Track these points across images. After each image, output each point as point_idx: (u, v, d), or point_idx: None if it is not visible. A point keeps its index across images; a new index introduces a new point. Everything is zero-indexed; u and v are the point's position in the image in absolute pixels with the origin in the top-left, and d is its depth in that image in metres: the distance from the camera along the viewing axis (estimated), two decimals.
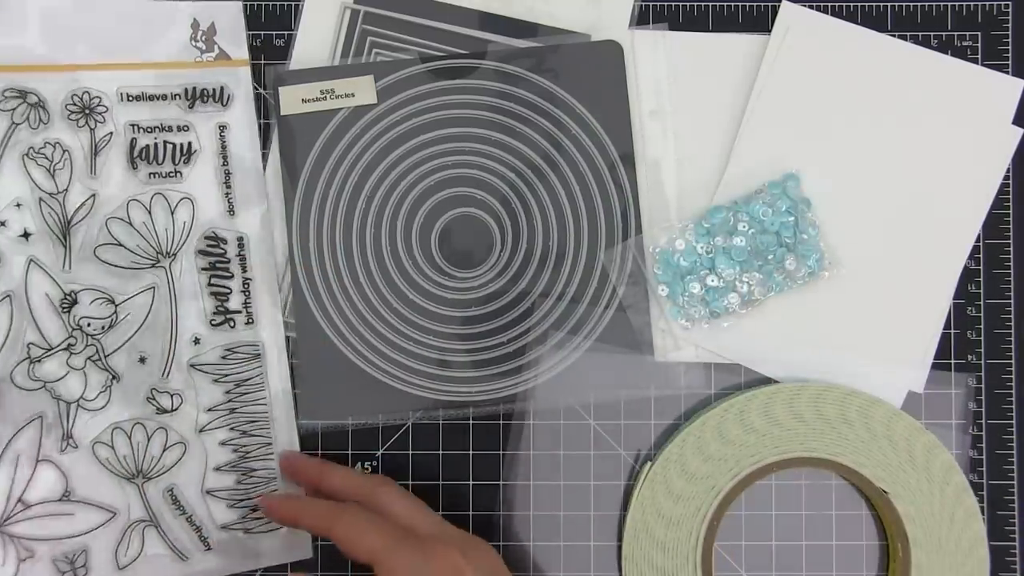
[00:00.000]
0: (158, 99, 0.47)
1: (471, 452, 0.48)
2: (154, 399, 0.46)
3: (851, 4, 0.49)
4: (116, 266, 0.46)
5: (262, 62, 0.49)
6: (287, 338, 0.47)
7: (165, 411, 0.46)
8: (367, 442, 0.47)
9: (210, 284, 0.47)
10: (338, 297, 0.48)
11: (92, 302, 0.45)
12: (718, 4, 0.49)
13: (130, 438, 0.46)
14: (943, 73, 0.48)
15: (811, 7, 0.49)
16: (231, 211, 0.47)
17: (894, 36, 0.49)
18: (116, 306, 0.46)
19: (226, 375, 0.47)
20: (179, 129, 0.47)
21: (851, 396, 0.47)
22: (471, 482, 0.48)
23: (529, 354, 0.48)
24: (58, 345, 0.45)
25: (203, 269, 0.47)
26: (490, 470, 0.48)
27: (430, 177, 0.48)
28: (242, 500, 0.46)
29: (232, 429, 0.46)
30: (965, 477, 0.47)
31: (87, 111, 0.46)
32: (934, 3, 0.50)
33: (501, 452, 0.48)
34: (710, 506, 0.46)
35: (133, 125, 0.47)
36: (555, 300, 0.48)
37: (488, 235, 0.48)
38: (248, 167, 0.47)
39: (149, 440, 0.46)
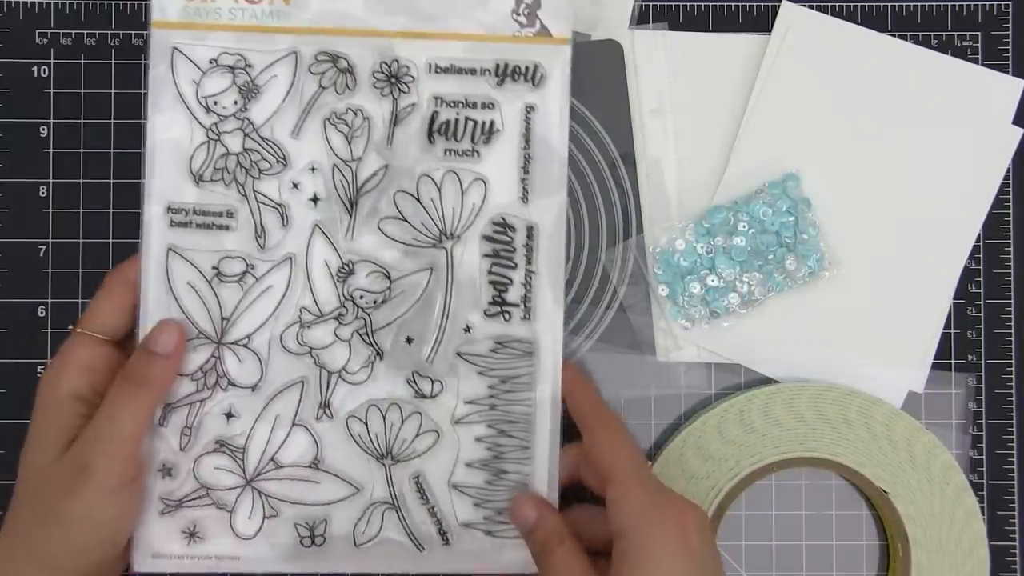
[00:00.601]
0: (466, 73, 0.44)
1: None
2: (415, 382, 0.44)
3: (851, 4, 0.49)
4: (397, 241, 0.44)
5: None
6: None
7: (424, 396, 0.44)
8: None
9: (491, 272, 0.44)
10: None
11: (368, 275, 0.44)
12: (718, 4, 0.49)
13: (384, 417, 0.44)
14: (943, 73, 0.49)
15: (811, 7, 0.49)
16: (524, 198, 0.44)
17: (894, 36, 0.49)
18: (391, 282, 0.44)
19: (493, 369, 0.44)
20: (483, 106, 0.44)
21: (851, 396, 0.47)
22: None
23: None
24: (329, 313, 0.44)
25: (486, 255, 0.44)
26: None
27: None
28: (489, 501, 0.44)
29: (490, 426, 0.44)
30: (965, 477, 0.47)
31: (393, 79, 0.44)
32: (934, 3, 0.50)
33: None
34: (710, 506, 0.47)
35: (437, 98, 0.44)
36: None
37: None
38: (551, 153, 0.44)
39: (403, 423, 0.44)
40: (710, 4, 0.49)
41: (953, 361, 0.49)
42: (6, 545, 0.40)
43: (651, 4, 0.49)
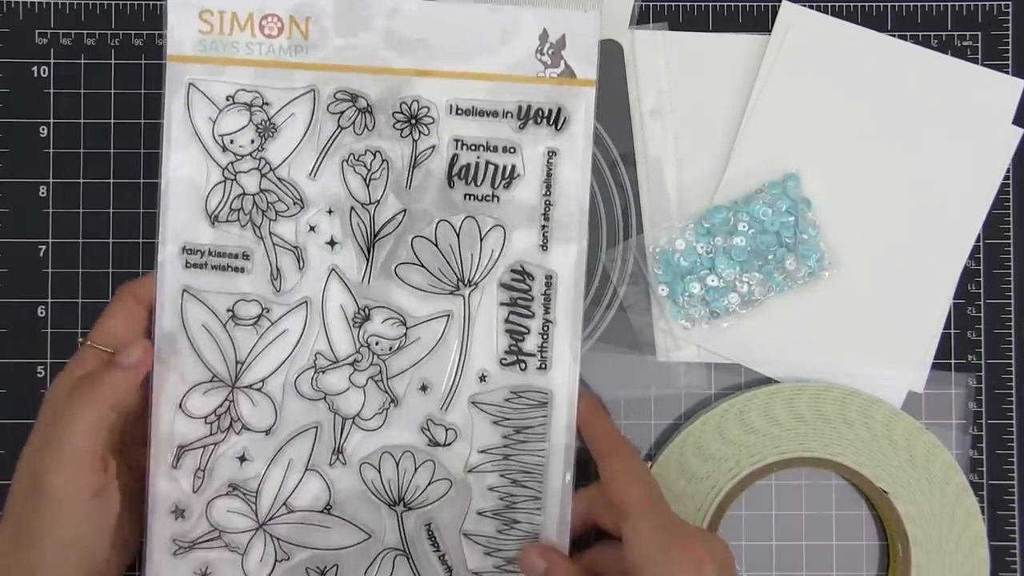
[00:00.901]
0: (488, 115, 0.44)
1: None
2: (428, 430, 0.44)
3: (851, 4, 0.49)
4: (414, 287, 0.44)
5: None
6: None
7: (438, 444, 0.44)
8: None
9: (508, 321, 0.44)
10: None
11: (384, 321, 0.44)
12: (718, 4, 0.49)
13: (398, 465, 0.44)
14: (943, 73, 0.48)
15: (811, 7, 0.49)
16: (544, 246, 0.44)
17: (894, 36, 0.49)
18: (407, 328, 0.44)
19: (507, 418, 0.44)
20: (504, 150, 0.44)
21: (851, 396, 0.47)
22: None
23: None
24: (344, 359, 0.44)
25: (503, 304, 0.44)
26: None
27: None
28: (500, 551, 0.44)
29: (503, 476, 0.44)
30: (965, 477, 0.47)
31: (413, 120, 0.44)
32: (934, 3, 0.50)
33: None
34: (710, 506, 0.46)
35: (457, 140, 0.44)
36: None
37: None
38: (572, 200, 0.44)
39: (416, 470, 0.44)
40: (710, 4, 0.49)
41: (953, 361, 0.49)
42: None
43: (651, 4, 0.49)
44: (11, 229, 0.48)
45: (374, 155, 0.44)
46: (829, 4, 0.49)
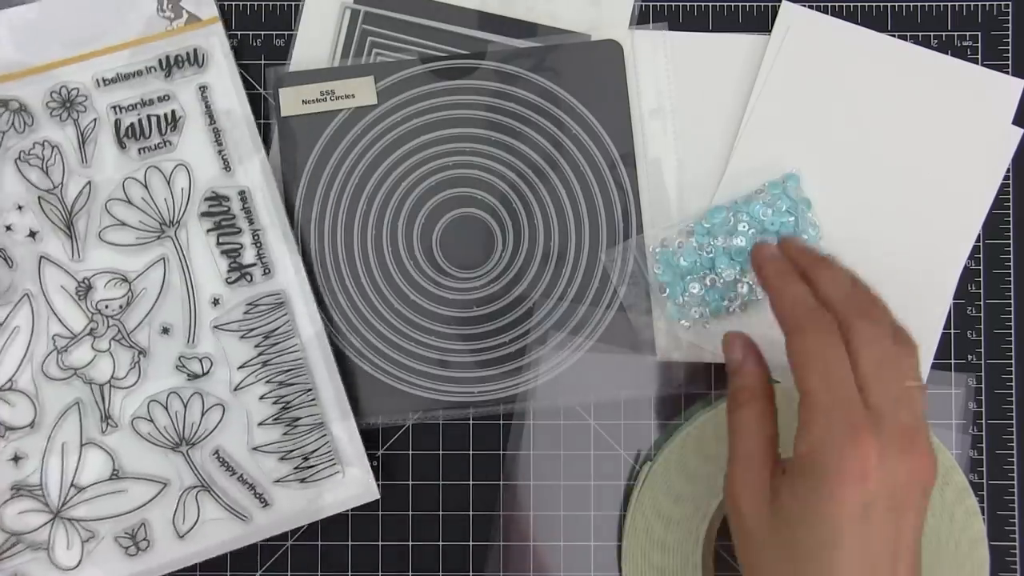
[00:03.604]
0: (134, 76, 0.47)
1: (471, 452, 0.48)
2: (184, 367, 0.46)
3: (851, 4, 0.49)
4: (123, 245, 0.46)
5: (262, 62, 0.49)
6: (312, 282, 0.47)
7: (197, 376, 0.46)
8: (367, 442, 0.47)
9: (219, 243, 0.46)
10: (339, 296, 0.48)
11: (106, 284, 0.46)
12: (718, 4, 0.49)
13: (167, 408, 0.46)
14: (943, 73, 0.49)
15: (811, 7, 0.49)
16: (227, 168, 0.47)
17: (894, 36, 0.49)
18: (130, 284, 0.46)
19: (252, 329, 0.46)
20: (160, 100, 0.47)
21: None
22: (471, 482, 0.48)
23: (530, 355, 0.48)
24: (81, 332, 0.46)
25: (210, 230, 0.46)
26: (490, 470, 0.48)
27: (431, 178, 0.48)
28: (292, 451, 0.46)
29: (268, 382, 0.46)
30: (965, 477, 0.47)
31: (68, 104, 0.46)
32: (934, 3, 0.50)
33: (501, 452, 0.48)
34: (710, 506, 0.46)
35: (115, 107, 0.47)
36: (556, 301, 0.48)
37: (489, 235, 0.48)
38: (237, 121, 0.47)
39: (186, 407, 0.46)
40: (710, 4, 0.49)
41: (953, 361, 0.49)
42: None
43: (651, 4, 0.49)
44: None
45: (43, 145, 0.46)
46: (829, 4, 0.49)
